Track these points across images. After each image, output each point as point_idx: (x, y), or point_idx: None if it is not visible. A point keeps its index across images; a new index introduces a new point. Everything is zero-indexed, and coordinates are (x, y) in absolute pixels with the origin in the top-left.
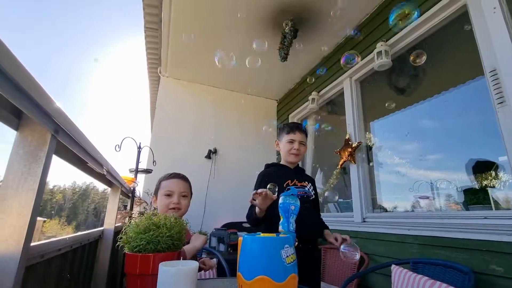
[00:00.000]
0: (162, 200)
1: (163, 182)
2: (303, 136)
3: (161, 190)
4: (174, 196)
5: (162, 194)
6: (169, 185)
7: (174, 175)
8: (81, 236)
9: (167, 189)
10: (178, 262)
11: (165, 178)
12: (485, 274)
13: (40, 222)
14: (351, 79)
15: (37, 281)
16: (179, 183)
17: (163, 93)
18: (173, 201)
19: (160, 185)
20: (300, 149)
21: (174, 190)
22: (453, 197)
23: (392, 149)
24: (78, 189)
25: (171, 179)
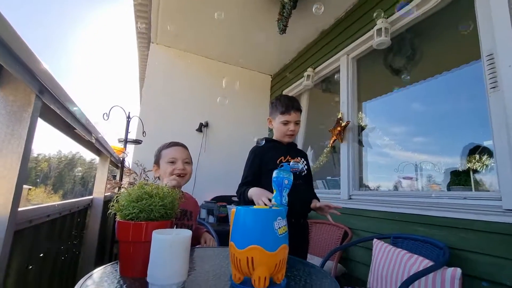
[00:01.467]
0: (166, 168)
1: (164, 151)
2: (298, 115)
3: (164, 158)
4: (178, 162)
5: (166, 162)
6: (171, 152)
7: (175, 143)
8: (70, 204)
9: (170, 156)
10: (172, 231)
11: (165, 147)
12: (460, 250)
13: (26, 190)
14: (348, 57)
15: (25, 246)
16: (181, 150)
17: (152, 61)
18: (178, 167)
19: (160, 154)
20: (295, 130)
21: (177, 157)
22: (435, 178)
23: (382, 131)
24: (64, 159)
25: (173, 147)
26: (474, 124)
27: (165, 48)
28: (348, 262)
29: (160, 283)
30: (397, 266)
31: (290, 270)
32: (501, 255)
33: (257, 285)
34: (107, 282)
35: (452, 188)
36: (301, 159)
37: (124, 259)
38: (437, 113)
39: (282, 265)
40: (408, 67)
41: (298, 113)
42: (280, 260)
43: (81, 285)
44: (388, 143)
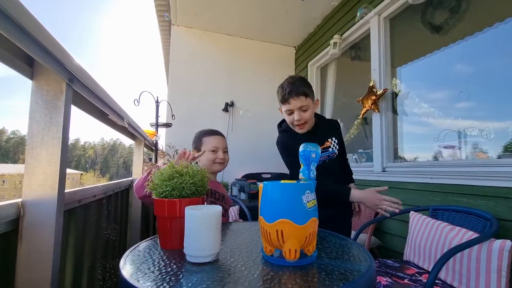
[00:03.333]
0: (207, 155)
1: (206, 138)
2: (301, 100)
3: (206, 146)
4: (219, 151)
5: (208, 150)
6: (213, 141)
7: (215, 131)
8: (113, 185)
9: (213, 145)
10: (203, 206)
11: (206, 134)
12: (509, 221)
13: (78, 175)
14: (380, 17)
15: (78, 223)
16: (222, 140)
17: (175, 44)
18: (220, 156)
19: (201, 141)
20: (302, 118)
21: (219, 146)
22: (482, 146)
23: (419, 97)
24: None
25: (215, 136)
26: None
27: (186, 29)
28: (383, 235)
29: (196, 254)
30: (437, 238)
31: (321, 242)
32: None
33: (288, 257)
34: (149, 254)
35: (503, 156)
36: (331, 139)
37: (163, 233)
38: (484, 73)
39: (313, 238)
40: (451, 22)
41: (300, 98)
42: (310, 233)
43: (127, 257)
44: (427, 111)
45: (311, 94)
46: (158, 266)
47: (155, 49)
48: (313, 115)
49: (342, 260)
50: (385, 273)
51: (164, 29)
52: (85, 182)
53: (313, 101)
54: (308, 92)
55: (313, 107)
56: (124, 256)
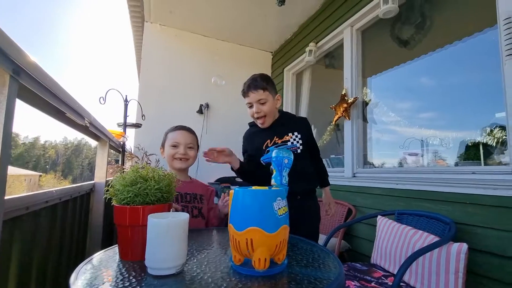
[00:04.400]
0: (168, 151)
1: (169, 134)
2: (260, 93)
3: (168, 141)
4: (180, 147)
5: (169, 145)
6: (175, 136)
7: (180, 127)
8: (71, 189)
9: (174, 140)
10: (168, 214)
11: (171, 130)
12: (467, 225)
13: (37, 177)
14: (352, 28)
15: (25, 232)
16: (185, 134)
17: (148, 41)
18: (180, 152)
19: (166, 137)
20: (261, 110)
21: (180, 141)
22: (442, 154)
23: (388, 107)
24: (70, 145)
25: (177, 131)
26: (485, 96)
27: (160, 27)
28: (352, 239)
29: (158, 266)
30: (401, 241)
31: (292, 249)
32: (509, 229)
33: (257, 266)
34: (106, 267)
35: (460, 163)
36: (293, 134)
37: (123, 243)
38: (445, 86)
39: (283, 246)
40: (417, 38)
41: (258, 92)
42: (281, 241)
43: (79, 270)
44: (394, 119)
45: (270, 89)
46: (115, 280)
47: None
48: (273, 109)
49: (312, 268)
50: (354, 276)
51: (137, 25)
52: (45, 184)
53: (273, 96)
54: (267, 86)
55: (273, 102)
56: (76, 270)
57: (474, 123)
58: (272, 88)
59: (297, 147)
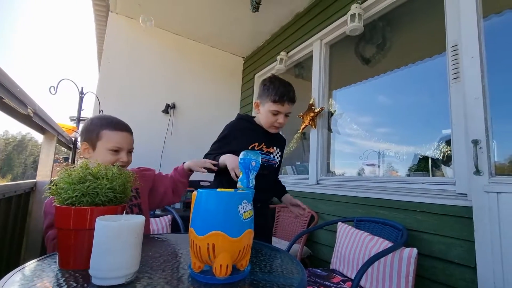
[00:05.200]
0: (106, 156)
1: (106, 132)
2: (291, 106)
3: (105, 143)
4: (122, 152)
5: (108, 149)
6: (117, 139)
7: (122, 126)
8: (4, 187)
9: (115, 144)
10: (121, 217)
11: (108, 127)
12: (416, 231)
13: None
14: (322, 42)
15: None
16: (128, 138)
17: (112, 32)
18: (122, 159)
19: (100, 134)
20: (283, 123)
21: (123, 146)
22: (396, 165)
23: (350, 119)
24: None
25: (119, 132)
26: (434, 115)
27: (126, 19)
28: (314, 245)
29: (105, 275)
30: (359, 247)
31: (256, 255)
32: (451, 235)
33: (218, 274)
34: (40, 277)
35: (411, 174)
36: (277, 149)
37: (64, 249)
38: (400, 104)
39: (247, 251)
40: (377, 57)
41: (291, 105)
42: (245, 246)
43: (5, 282)
44: (355, 131)
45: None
46: None
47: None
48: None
49: (276, 274)
50: (314, 282)
51: (100, 14)
52: None
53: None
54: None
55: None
56: (2, 281)
57: (424, 139)
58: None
59: (276, 162)
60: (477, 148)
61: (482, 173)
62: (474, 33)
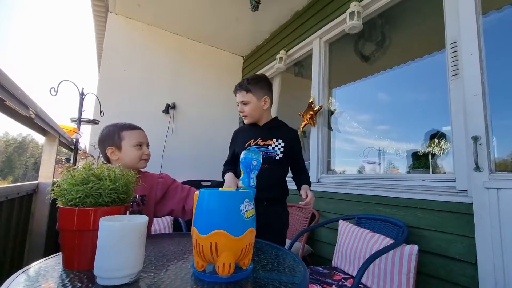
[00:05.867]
0: (133, 151)
1: (126, 133)
2: (242, 94)
3: (129, 141)
4: (144, 146)
5: (132, 145)
6: (137, 135)
7: (135, 126)
8: (6, 189)
9: (137, 140)
10: (124, 217)
11: (125, 129)
12: (417, 228)
13: None
14: (321, 40)
15: None
16: (144, 133)
17: (111, 33)
18: (146, 152)
19: (121, 136)
20: (244, 110)
21: (143, 141)
22: (396, 162)
23: (350, 117)
24: (13, 141)
25: (136, 130)
26: (434, 112)
27: (126, 19)
28: (315, 243)
29: (109, 275)
30: (360, 244)
31: (257, 254)
32: (452, 231)
33: (221, 272)
34: (45, 277)
35: (412, 171)
36: (277, 140)
37: (68, 250)
38: (400, 101)
39: (249, 250)
40: (377, 55)
41: (241, 93)
42: (247, 244)
43: (11, 283)
44: (355, 129)
45: (256, 90)
46: None
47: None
48: (256, 110)
49: (278, 272)
50: (316, 280)
51: (99, 14)
52: None
53: (258, 98)
54: (251, 88)
55: (257, 103)
56: (6, 282)
57: (424, 136)
58: (258, 90)
59: (276, 153)
60: (477, 144)
61: (482, 170)
62: (473, 29)
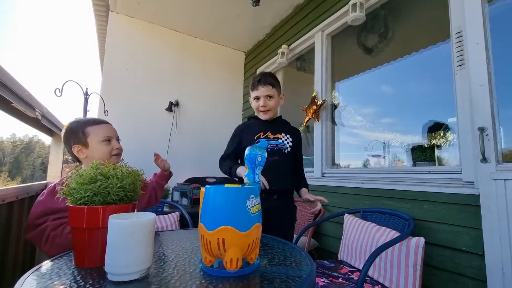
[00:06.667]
0: (102, 147)
1: (91, 128)
2: (268, 89)
3: (94, 137)
4: (113, 141)
5: (100, 141)
6: (102, 130)
7: (100, 120)
8: (16, 190)
9: (103, 134)
10: (132, 215)
11: (90, 124)
12: (423, 220)
13: None
14: (323, 33)
15: None
16: (111, 127)
17: (113, 32)
18: (116, 146)
19: (86, 132)
20: (267, 104)
21: (111, 135)
22: (401, 155)
23: (354, 111)
24: (20, 142)
25: (102, 124)
26: (439, 103)
27: (126, 18)
28: (321, 237)
29: (120, 272)
30: (366, 238)
31: (264, 248)
32: (459, 223)
33: (229, 267)
34: (58, 275)
35: (417, 164)
36: (286, 135)
37: (79, 248)
38: (404, 94)
39: (256, 245)
40: (380, 46)
41: (267, 87)
42: (253, 240)
43: (24, 280)
44: (359, 123)
45: (277, 87)
46: None
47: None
48: (277, 105)
49: (284, 266)
50: (322, 273)
51: (100, 14)
52: None
53: (278, 94)
54: (275, 84)
55: (277, 99)
56: (22, 279)
57: (430, 128)
58: (279, 87)
59: (285, 147)
60: (484, 135)
61: (489, 161)
62: (478, 18)
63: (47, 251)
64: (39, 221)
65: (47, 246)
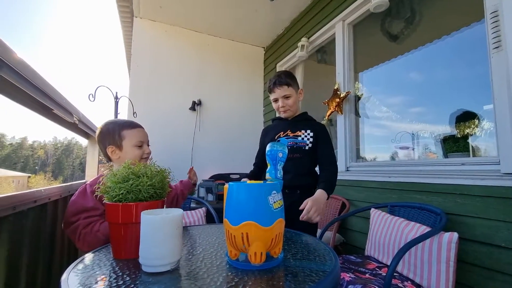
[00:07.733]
0: (133, 151)
1: (127, 132)
2: (284, 89)
3: (129, 141)
4: (144, 145)
5: (133, 145)
6: (137, 134)
7: (136, 124)
8: (60, 188)
9: (137, 139)
10: (162, 210)
11: (126, 128)
12: (456, 215)
13: (25, 178)
14: (344, 23)
15: (12, 233)
16: (144, 132)
17: (138, 37)
18: (147, 151)
19: (121, 135)
20: (286, 104)
21: (144, 140)
22: (432, 146)
23: (379, 101)
24: (60, 145)
25: (136, 129)
26: (473, 90)
27: (150, 22)
28: (346, 232)
29: (152, 263)
30: (394, 233)
31: (288, 243)
32: (497, 218)
33: (253, 261)
34: (99, 266)
35: (449, 155)
36: (306, 131)
37: (116, 241)
38: (434, 81)
39: (279, 240)
40: (406, 32)
41: (283, 87)
42: (276, 234)
43: (71, 270)
44: (385, 114)
45: (294, 84)
46: (108, 279)
47: (116, 41)
48: (296, 103)
49: (308, 261)
50: (348, 269)
51: (126, 20)
52: (34, 186)
53: (296, 91)
54: (291, 82)
55: (296, 96)
56: (68, 270)
57: (463, 116)
58: (295, 83)
59: (305, 143)
60: None
61: None
62: None
63: (80, 247)
64: (72, 219)
65: (80, 243)
